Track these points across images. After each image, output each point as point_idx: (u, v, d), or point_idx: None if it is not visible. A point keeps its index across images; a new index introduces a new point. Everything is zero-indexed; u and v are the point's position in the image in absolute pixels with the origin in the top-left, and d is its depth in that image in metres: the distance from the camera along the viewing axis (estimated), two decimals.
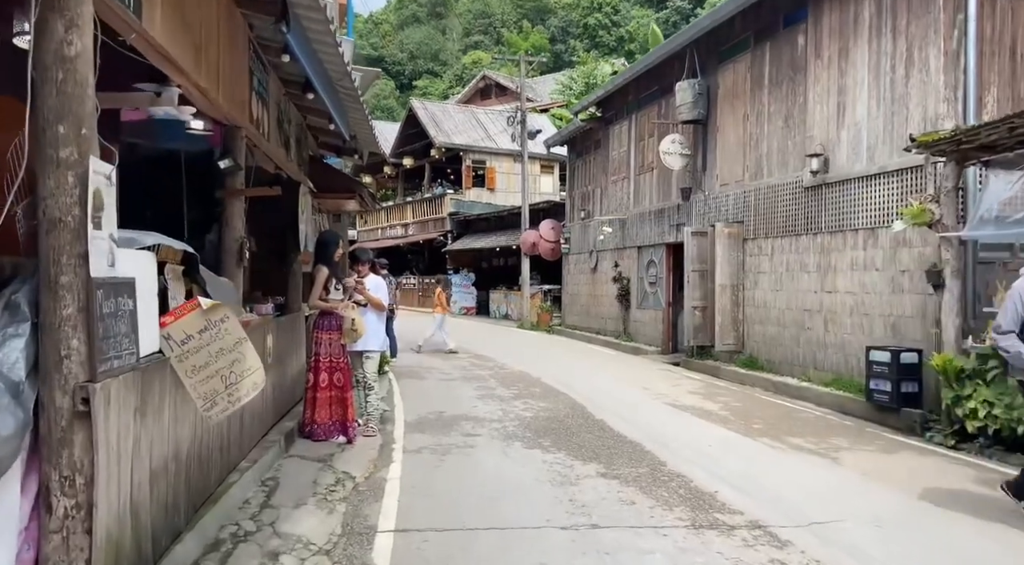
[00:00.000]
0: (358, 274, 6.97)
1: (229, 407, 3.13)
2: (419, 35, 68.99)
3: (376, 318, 6.93)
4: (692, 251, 12.81)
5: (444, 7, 71.93)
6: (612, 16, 61.52)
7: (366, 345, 6.82)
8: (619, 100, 16.75)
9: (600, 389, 9.89)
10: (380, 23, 72.71)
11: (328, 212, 10.47)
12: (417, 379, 10.81)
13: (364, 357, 6.89)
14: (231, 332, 3.08)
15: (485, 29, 68.58)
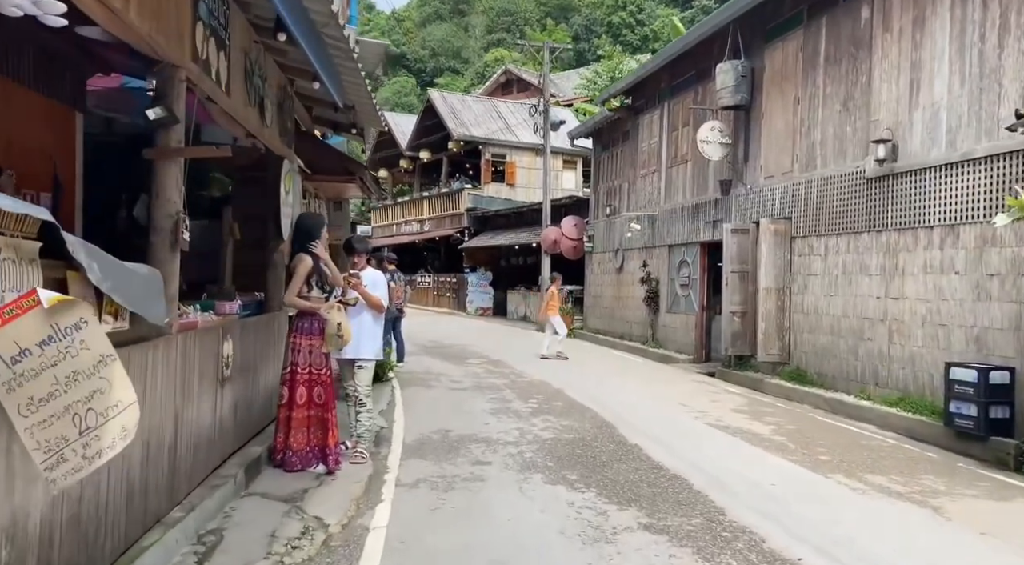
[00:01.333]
0: (353, 266, 5.84)
1: (84, 466, 2.00)
2: (441, 32, 68.41)
3: (372, 320, 5.81)
4: (731, 250, 11.55)
5: (467, 4, 71.29)
6: (637, 15, 60.36)
7: (359, 352, 5.70)
8: (650, 87, 15.51)
9: (630, 404, 8.69)
10: (402, 20, 72.25)
11: (327, 199, 9.39)
12: (424, 387, 9.68)
13: (356, 367, 5.78)
14: (91, 346, 1.98)
15: (508, 27, 67.76)
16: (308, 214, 5.98)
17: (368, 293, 5.69)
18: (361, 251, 5.92)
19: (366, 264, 5.93)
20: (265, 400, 5.72)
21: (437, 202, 28.36)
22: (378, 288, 5.87)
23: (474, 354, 13.85)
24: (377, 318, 5.84)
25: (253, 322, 5.42)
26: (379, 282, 5.92)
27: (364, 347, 5.72)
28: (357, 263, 5.82)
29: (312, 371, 5.21)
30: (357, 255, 5.87)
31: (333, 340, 5.23)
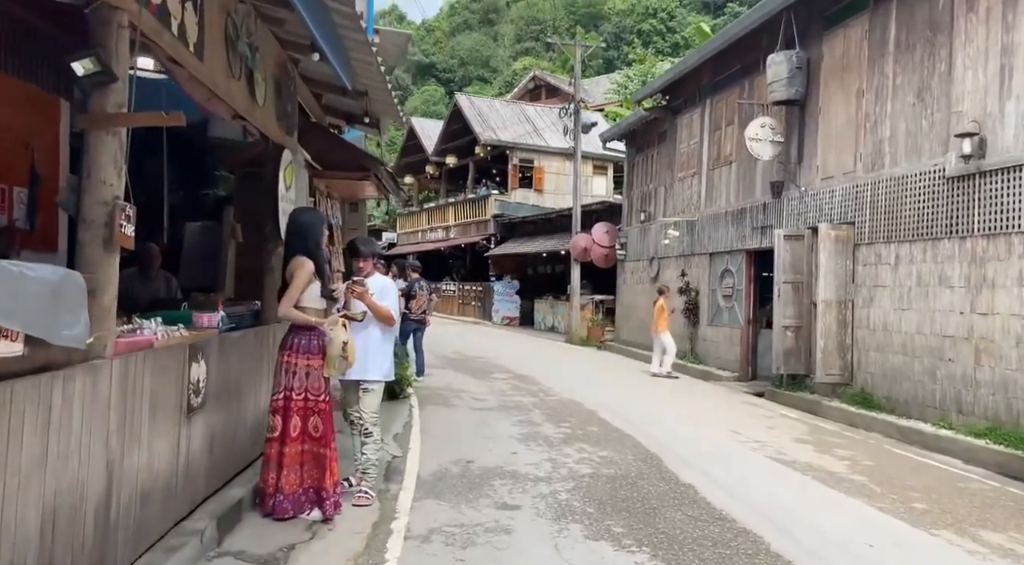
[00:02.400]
0: (358, 272, 4.98)
1: None
2: (470, 42, 68.36)
3: (381, 336, 4.94)
4: (784, 258, 10.50)
5: (496, 14, 71.20)
6: (668, 22, 59.54)
7: (365, 373, 4.83)
8: (690, 84, 14.52)
9: (675, 431, 7.70)
10: (433, 30, 72.45)
11: (342, 199, 8.59)
12: (444, 406, 8.78)
13: (361, 390, 4.91)
14: None
15: (536, 35, 67.45)
16: (304, 209, 5.15)
17: (375, 304, 4.82)
18: (366, 254, 5.04)
19: (373, 269, 5.05)
20: (254, 431, 4.87)
21: (463, 208, 27.57)
22: (387, 297, 4.99)
23: (499, 368, 12.94)
24: (386, 333, 4.97)
25: (237, 338, 4.57)
26: (388, 290, 5.05)
27: (371, 367, 4.85)
28: (363, 268, 4.95)
29: (309, 398, 4.33)
30: (362, 259, 5.00)
31: (336, 362, 4.36)
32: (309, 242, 4.45)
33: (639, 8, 60.45)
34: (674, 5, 59.78)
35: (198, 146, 7.88)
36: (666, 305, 12.85)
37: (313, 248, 4.43)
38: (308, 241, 4.45)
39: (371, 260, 5.06)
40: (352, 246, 5.07)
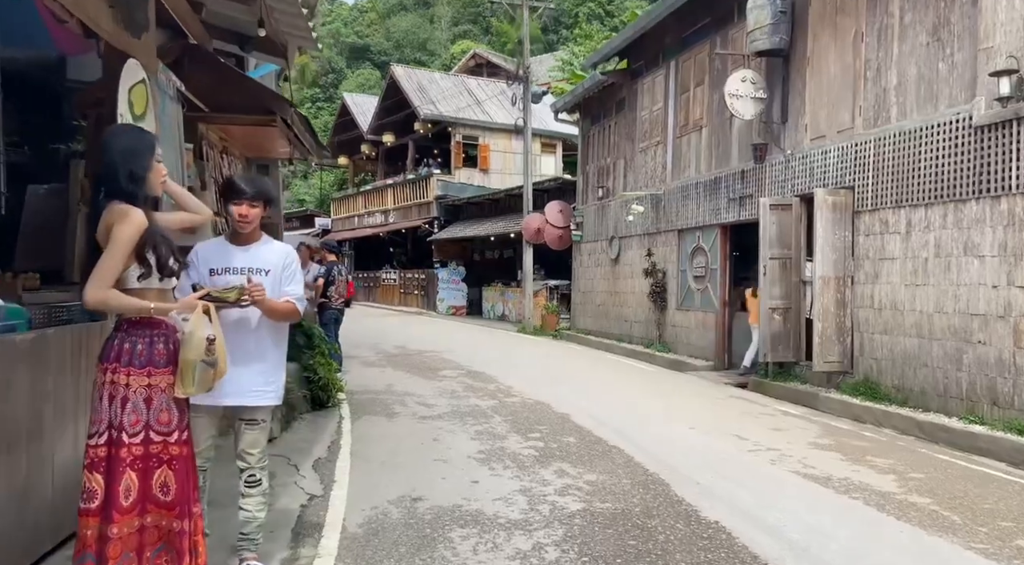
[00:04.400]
0: (240, 225, 3.21)
1: None
2: (406, 24, 66.10)
3: (273, 336, 3.23)
4: (771, 231, 9.25)
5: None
6: (606, 5, 58.81)
7: (245, 396, 3.14)
8: (652, 44, 13.15)
9: (668, 438, 6.30)
10: (366, 11, 69.79)
11: (244, 157, 6.82)
12: (384, 416, 7.16)
13: (245, 423, 3.22)
14: None
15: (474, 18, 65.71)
16: (120, 127, 3.37)
17: (274, 303, 3.10)
18: (250, 196, 3.13)
19: (258, 226, 3.22)
20: (61, 494, 3.16)
21: (403, 190, 25.71)
22: (294, 279, 3.29)
23: (448, 363, 11.36)
24: (282, 332, 3.30)
25: (30, 342, 2.86)
26: (292, 265, 3.32)
27: (256, 385, 3.15)
28: (244, 218, 3.15)
29: (152, 439, 2.66)
30: (246, 202, 3.13)
31: (195, 372, 2.71)
32: (126, 179, 2.67)
33: None
34: None
35: (52, 92, 6.03)
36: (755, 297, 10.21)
37: (135, 189, 2.70)
38: (124, 177, 2.66)
39: (259, 207, 3.19)
40: (229, 185, 3.28)
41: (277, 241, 3.39)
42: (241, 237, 3.21)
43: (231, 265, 3.14)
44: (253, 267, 3.14)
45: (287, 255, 3.28)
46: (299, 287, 3.26)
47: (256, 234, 3.24)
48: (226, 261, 3.15)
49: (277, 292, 3.16)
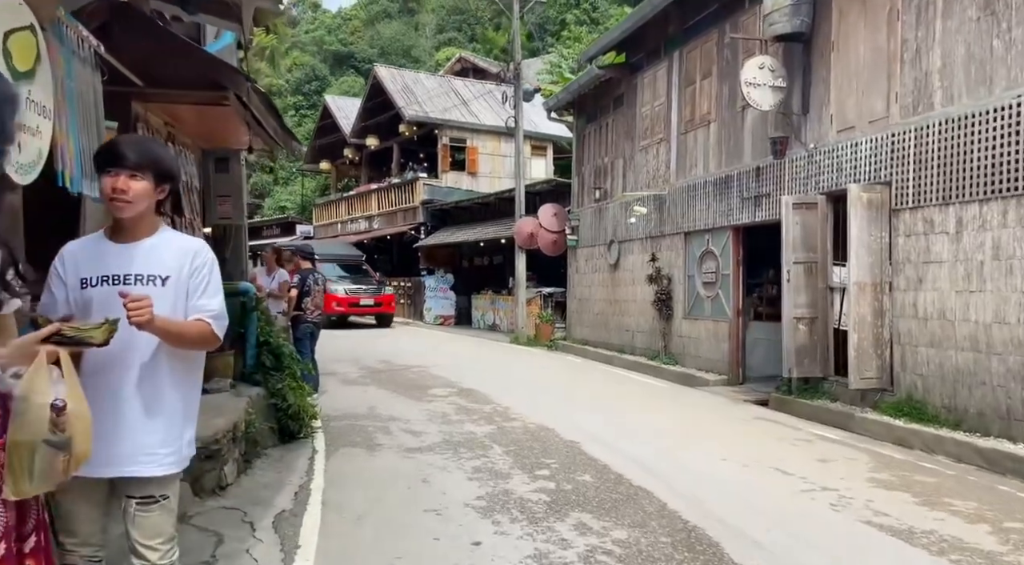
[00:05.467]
0: (115, 206, 2.16)
1: None
2: (390, 31, 65.43)
3: (174, 377, 2.21)
4: (794, 233, 8.38)
5: (417, 3, 68.42)
6: (591, 12, 58.51)
7: (127, 465, 2.14)
8: (653, 35, 12.29)
9: (702, 474, 5.36)
10: (350, 19, 69.08)
11: (199, 148, 5.83)
12: (365, 448, 6.16)
13: (136, 505, 2.19)
14: None
15: (459, 26, 65.18)
16: None
17: (174, 325, 2.13)
18: (134, 164, 2.14)
19: (151, 212, 2.23)
20: None
21: (388, 195, 24.68)
22: (205, 288, 2.26)
23: (437, 380, 10.36)
24: (187, 371, 2.28)
25: None
26: (199, 270, 2.26)
27: (150, 448, 2.16)
28: (119, 193, 2.13)
29: None
30: (126, 173, 2.13)
31: (35, 462, 1.72)
32: None
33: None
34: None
35: None
36: None
37: None
38: None
39: (146, 180, 2.15)
40: (100, 150, 2.29)
41: (183, 234, 2.39)
42: (123, 229, 2.21)
43: (108, 271, 2.16)
44: (141, 273, 2.16)
45: (196, 254, 2.27)
46: (215, 299, 2.25)
47: (147, 223, 2.24)
48: (102, 266, 2.17)
49: (182, 308, 2.19)
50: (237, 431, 4.94)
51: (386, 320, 19.95)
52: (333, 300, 17.76)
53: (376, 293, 19.70)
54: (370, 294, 19.50)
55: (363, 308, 19.39)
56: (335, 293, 18.05)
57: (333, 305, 17.74)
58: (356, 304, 19.12)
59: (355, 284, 19.57)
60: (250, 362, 6.36)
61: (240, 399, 5.60)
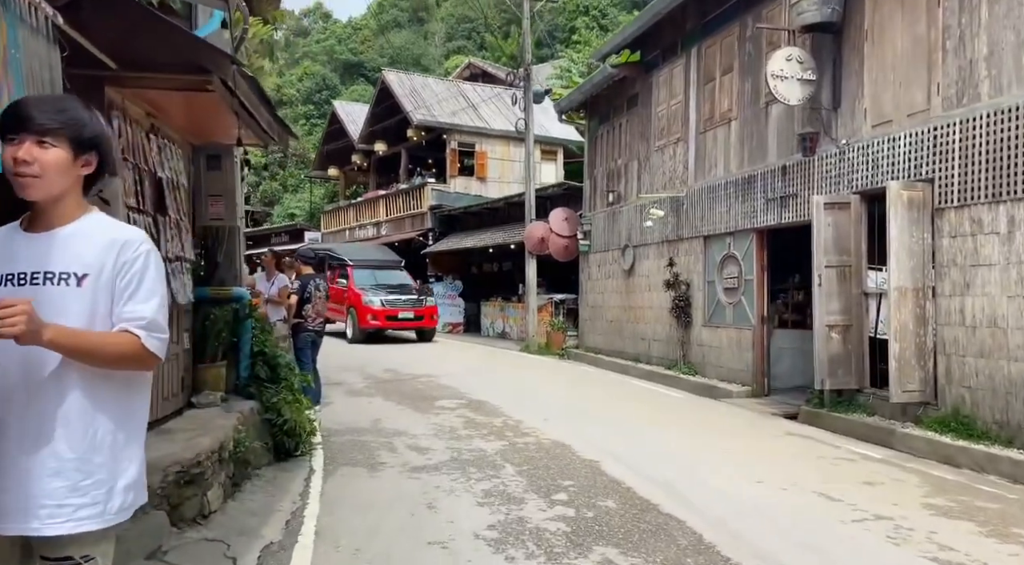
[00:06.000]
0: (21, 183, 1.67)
1: None
2: (400, 40, 65.55)
3: (91, 402, 1.69)
4: (826, 235, 7.86)
5: (426, 12, 68.58)
6: (600, 20, 58.34)
7: (28, 519, 1.64)
8: (668, 32, 11.83)
9: (738, 499, 4.84)
10: (360, 28, 69.31)
11: (188, 144, 5.40)
12: (366, 467, 5.67)
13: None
14: None
15: (468, 34, 65.22)
16: None
17: (47, 330, 1.56)
18: (41, 128, 1.65)
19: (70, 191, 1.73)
20: None
21: (395, 201, 24.29)
22: (135, 290, 1.74)
23: (445, 391, 9.88)
24: (114, 394, 1.74)
25: None
26: (128, 265, 1.73)
27: (58, 497, 1.64)
28: (23, 167, 1.64)
29: None
30: (32, 139, 1.64)
31: None
32: None
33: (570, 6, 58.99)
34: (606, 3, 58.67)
35: None
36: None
37: None
38: None
39: (60, 148, 1.68)
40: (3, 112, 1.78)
41: (117, 222, 1.90)
42: (37, 215, 1.75)
43: (14, 269, 1.69)
44: (52, 271, 1.68)
45: (125, 247, 1.76)
46: (147, 305, 1.74)
47: (67, 207, 1.75)
48: (9, 262, 1.70)
49: (105, 315, 1.71)
50: (224, 451, 4.46)
51: (427, 335, 17.65)
52: (368, 313, 16.46)
53: (417, 304, 17.32)
54: (410, 306, 17.12)
55: (402, 322, 16.97)
56: (370, 305, 16.58)
57: (368, 319, 16.45)
58: (394, 317, 16.75)
59: (393, 294, 17.19)
60: (244, 374, 5.90)
61: (230, 415, 5.13)
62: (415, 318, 17.15)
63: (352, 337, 16.92)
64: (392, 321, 16.85)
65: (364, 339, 16.71)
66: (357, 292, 17.06)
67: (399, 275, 18.82)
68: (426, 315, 17.35)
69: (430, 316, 17.48)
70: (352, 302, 17.07)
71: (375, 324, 16.65)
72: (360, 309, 16.70)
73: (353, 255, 18.89)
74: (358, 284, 17.36)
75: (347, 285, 17.37)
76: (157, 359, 1.78)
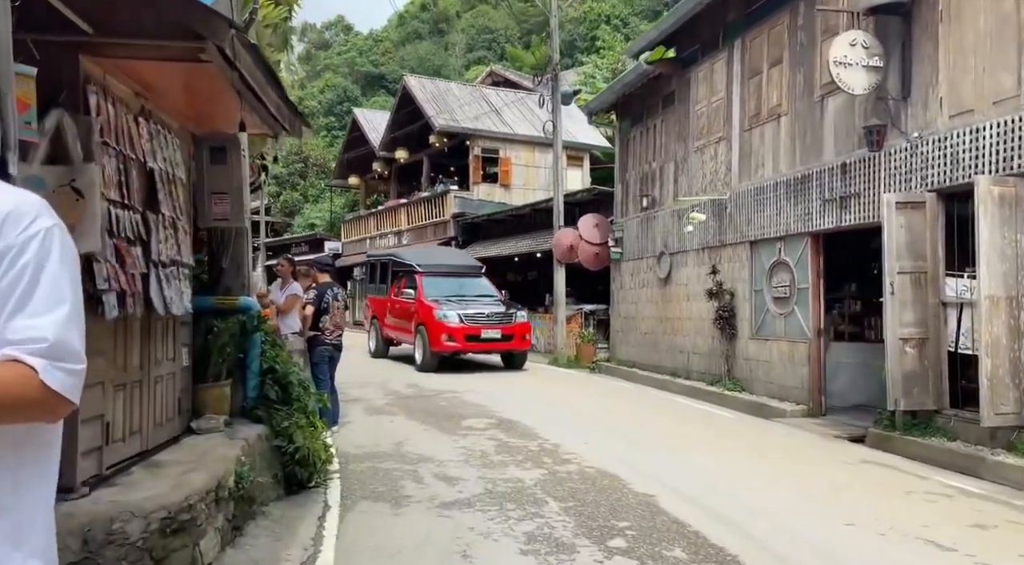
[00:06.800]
0: None
1: None
2: (421, 51, 65.63)
3: None
4: (899, 238, 7.05)
5: (446, 23, 68.71)
6: (621, 29, 57.90)
7: None
8: (708, 25, 11.09)
9: (832, 548, 4.06)
10: (381, 40, 69.61)
11: (192, 135, 4.78)
12: (388, 502, 4.96)
13: None
14: None
15: (488, 45, 65.09)
16: None
17: None
18: None
19: None
20: None
21: (417, 209, 23.72)
22: (24, 297, 1.07)
23: (472, 408, 9.16)
24: (19, 469, 1.10)
25: None
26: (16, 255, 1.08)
27: None
28: None
29: None
30: None
31: None
32: None
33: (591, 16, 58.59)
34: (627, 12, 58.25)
35: None
36: None
37: None
38: None
39: None
40: None
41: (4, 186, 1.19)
42: None
43: None
44: None
45: (8, 220, 1.09)
46: (50, 320, 1.07)
47: None
48: None
49: None
50: (223, 490, 3.79)
51: (518, 360, 13.67)
52: (443, 331, 12.73)
53: (505, 320, 13.31)
54: (496, 322, 13.19)
55: (486, 343, 13.20)
56: (445, 321, 12.80)
57: (442, 339, 12.73)
58: (476, 337, 12.92)
59: (473, 308, 13.33)
60: (251, 394, 5.24)
61: (234, 442, 4.46)
62: (502, 338, 13.11)
63: (422, 363, 13.10)
64: (473, 342, 12.98)
65: (437, 366, 12.96)
66: (428, 305, 13.20)
67: (480, 284, 15.15)
68: (516, 334, 13.27)
69: (521, 335, 13.40)
70: (422, 318, 13.23)
71: (452, 346, 12.90)
72: (432, 327, 12.92)
73: (422, 260, 15.21)
74: (429, 295, 13.57)
75: (415, 297, 13.75)
76: (66, 404, 1.10)
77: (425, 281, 14.10)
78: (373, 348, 15.88)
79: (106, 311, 3.40)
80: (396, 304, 14.79)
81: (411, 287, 14.20)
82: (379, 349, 15.62)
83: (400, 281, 15.05)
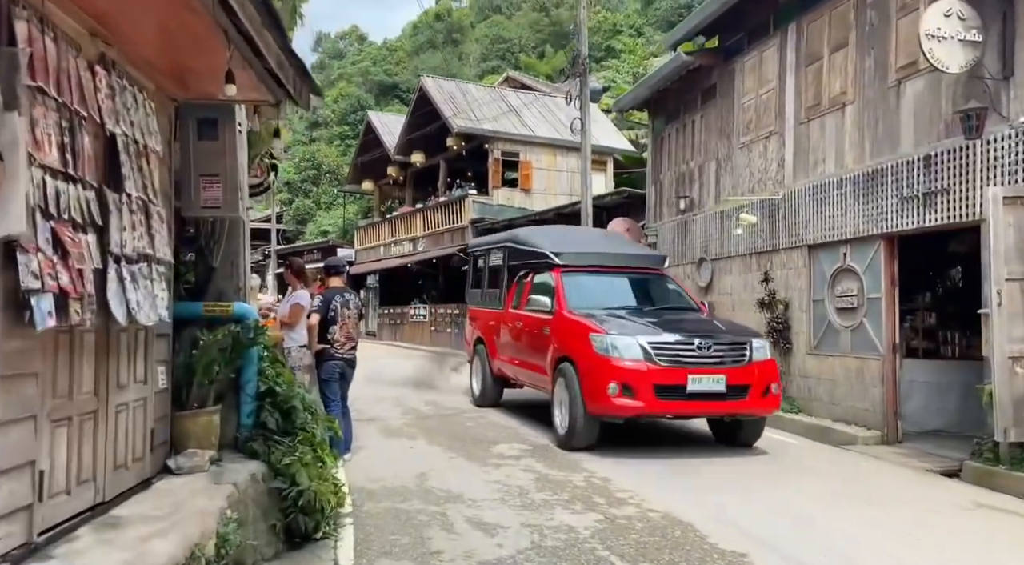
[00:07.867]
0: None
1: None
2: (435, 61, 65.38)
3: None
4: (1005, 238, 6.03)
5: (460, 33, 68.46)
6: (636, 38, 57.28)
7: None
8: (754, 11, 10.13)
9: None
10: (395, 50, 69.46)
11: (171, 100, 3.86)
12: (412, 561, 3.97)
13: None
14: None
15: (503, 54, 64.71)
16: None
17: None
18: None
19: None
20: None
21: (434, 215, 22.81)
22: None
23: (501, 430, 8.16)
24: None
25: None
26: None
27: None
28: None
29: None
30: None
31: None
32: None
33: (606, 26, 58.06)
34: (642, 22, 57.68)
35: None
36: None
37: None
38: None
39: None
40: None
41: None
42: None
43: None
44: None
45: None
46: None
47: None
48: None
49: None
50: (199, 560, 2.81)
51: (752, 431, 7.35)
52: (613, 376, 6.63)
53: (731, 357, 6.93)
54: (714, 361, 6.82)
55: (698, 402, 6.85)
56: (615, 357, 6.71)
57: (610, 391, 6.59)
58: (680, 390, 6.70)
59: (668, 331, 7.02)
60: (246, 422, 4.29)
61: (219, 489, 3.50)
62: (728, 393, 6.81)
63: (566, 435, 7.03)
64: (675, 399, 6.75)
65: (597, 437, 6.96)
66: (578, 322, 7.35)
67: (664, 287, 8.88)
68: (753, 382, 6.91)
69: (764, 387, 7.01)
70: (568, 348, 7.36)
71: (631, 406, 6.66)
72: (589, 366, 6.89)
73: (562, 246, 8.93)
74: (576, 306, 7.74)
75: (551, 308, 7.92)
76: None
77: (568, 281, 8.15)
78: (478, 391, 10.07)
79: (36, 318, 2.46)
80: (518, 321, 8.86)
81: (543, 292, 8.28)
82: (488, 393, 9.85)
83: (524, 282, 9.06)
